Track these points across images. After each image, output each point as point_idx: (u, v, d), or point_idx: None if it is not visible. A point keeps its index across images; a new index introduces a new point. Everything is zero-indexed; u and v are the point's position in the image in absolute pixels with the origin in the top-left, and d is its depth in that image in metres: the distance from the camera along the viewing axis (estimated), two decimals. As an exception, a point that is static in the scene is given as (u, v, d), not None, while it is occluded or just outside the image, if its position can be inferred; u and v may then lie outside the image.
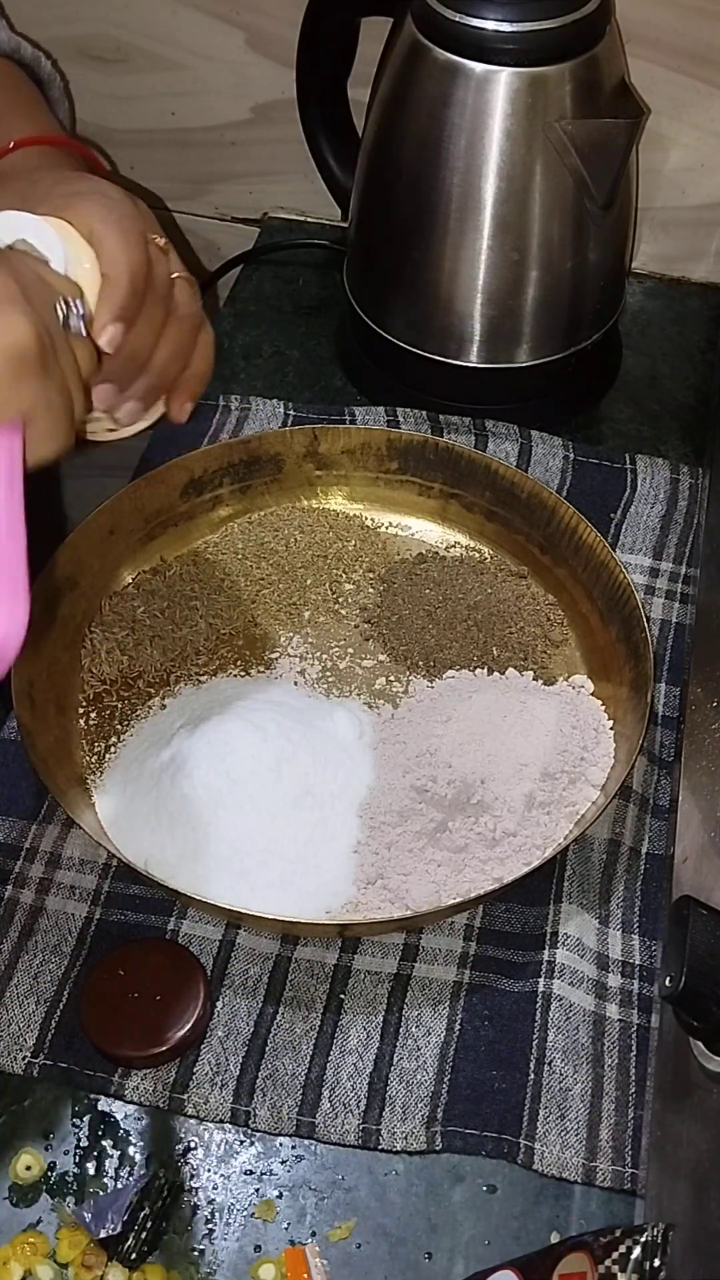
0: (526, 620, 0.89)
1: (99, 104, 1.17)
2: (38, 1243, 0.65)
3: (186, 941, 0.75)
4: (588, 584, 0.88)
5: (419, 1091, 0.70)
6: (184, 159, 1.19)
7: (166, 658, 0.86)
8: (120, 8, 1.10)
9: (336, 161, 1.06)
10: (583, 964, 0.74)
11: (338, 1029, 0.72)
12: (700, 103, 1.04)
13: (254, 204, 1.21)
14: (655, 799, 0.82)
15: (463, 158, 0.90)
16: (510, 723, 0.80)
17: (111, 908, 0.76)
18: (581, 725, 0.81)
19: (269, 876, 0.75)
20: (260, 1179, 0.68)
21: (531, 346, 0.98)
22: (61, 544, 0.86)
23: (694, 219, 1.11)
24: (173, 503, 0.92)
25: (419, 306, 0.98)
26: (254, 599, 0.90)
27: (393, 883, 0.75)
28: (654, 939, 0.76)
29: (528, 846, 0.76)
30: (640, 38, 1.00)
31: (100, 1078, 0.70)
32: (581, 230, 0.94)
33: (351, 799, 0.78)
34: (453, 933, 0.76)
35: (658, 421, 1.04)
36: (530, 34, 0.86)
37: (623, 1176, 0.67)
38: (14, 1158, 0.68)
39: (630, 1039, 0.72)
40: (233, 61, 1.11)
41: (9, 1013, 0.72)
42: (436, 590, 0.90)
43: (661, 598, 0.92)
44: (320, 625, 0.89)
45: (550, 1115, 0.69)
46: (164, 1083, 0.70)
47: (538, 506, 0.90)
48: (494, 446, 0.98)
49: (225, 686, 0.85)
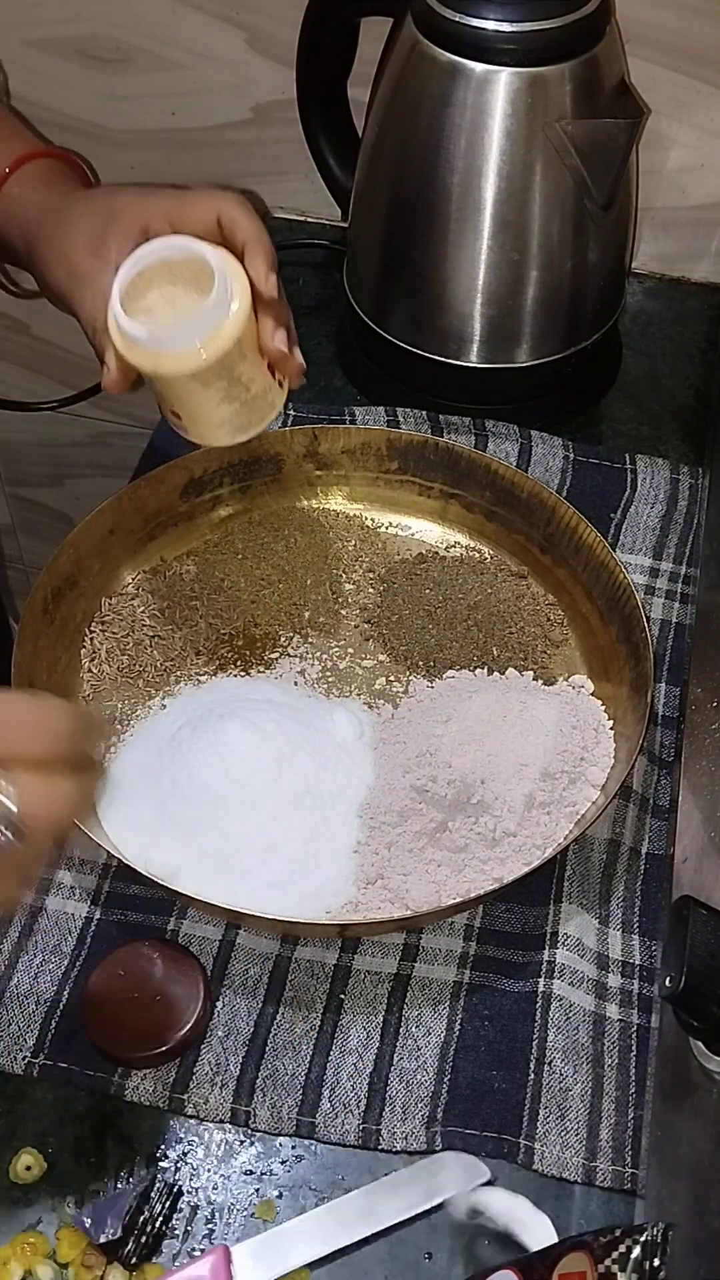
0: (526, 620, 0.89)
1: (99, 104, 1.17)
2: (38, 1243, 0.65)
3: (186, 941, 0.75)
4: (588, 584, 0.88)
5: (419, 1091, 0.70)
6: (184, 159, 1.19)
7: (166, 658, 0.86)
8: (120, 8, 1.10)
9: (336, 161, 1.06)
10: (583, 964, 0.74)
11: (338, 1029, 0.72)
12: (700, 103, 1.04)
13: (254, 204, 1.21)
14: (655, 799, 0.82)
15: (463, 158, 0.90)
16: (510, 723, 0.80)
17: (111, 908, 0.76)
18: (581, 725, 0.81)
19: (269, 876, 0.75)
20: (260, 1179, 0.68)
21: (531, 346, 0.98)
22: (62, 544, 0.86)
23: (694, 219, 1.11)
24: (173, 503, 0.92)
25: (419, 306, 0.98)
26: (254, 599, 0.90)
27: (393, 883, 0.75)
28: (654, 939, 0.76)
29: (528, 846, 0.76)
30: (640, 38, 1.00)
31: (100, 1078, 0.70)
32: (581, 230, 0.94)
33: (351, 799, 0.78)
34: (453, 933, 0.76)
35: (658, 421, 1.04)
36: (530, 34, 0.86)
37: (623, 1176, 0.67)
38: (14, 1158, 0.68)
39: (630, 1039, 0.72)
40: (233, 61, 1.11)
41: (9, 1013, 0.72)
42: (436, 590, 0.90)
43: (661, 598, 0.92)
44: (320, 625, 0.89)
45: (550, 1115, 0.69)
46: (164, 1083, 0.70)
47: (538, 506, 0.90)
48: (494, 446, 0.98)
49: (225, 686, 0.85)
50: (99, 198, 0.80)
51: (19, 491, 1.58)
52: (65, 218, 0.79)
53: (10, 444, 1.50)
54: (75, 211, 0.79)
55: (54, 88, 1.17)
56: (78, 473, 1.52)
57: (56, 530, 1.54)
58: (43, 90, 1.18)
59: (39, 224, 0.81)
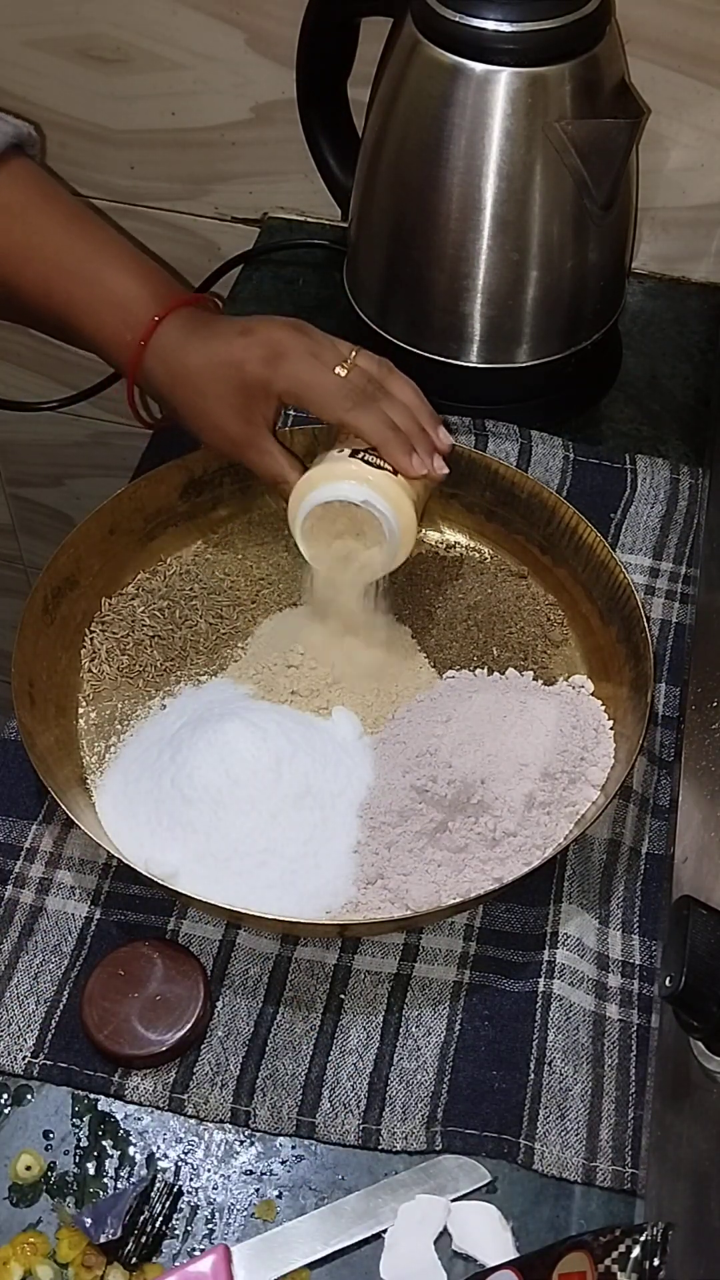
0: (526, 620, 0.89)
1: (99, 104, 1.17)
2: (38, 1243, 0.65)
3: (186, 941, 0.75)
4: (588, 584, 0.88)
5: (419, 1091, 0.70)
6: (184, 159, 1.20)
7: (166, 658, 0.86)
8: (120, 8, 1.10)
9: (336, 161, 1.07)
10: (583, 964, 0.74)
11: (338, 1029, 0.72)
12: (700, 103, 1.04)
13: (254, 204, 1.21)
14: (655, 799, 0.82)
15: (463, 158, 0.90)
16: (510, 723, 0.80)
17: (111, 908, 0.76)
18: (581, 725, 0.81)
19: (269, 876, 0.75)
20: (260, 1179, 0.68)
21: (531, 346, 0.98)
22: (62, 544, 0.86)
23: (694, 219, 1.11)
24: (173, 503, 0.92)
25: (419, 306, 0.98)
26: (254, 599, 0.90)
27: (393, 883, 0.75)
28: (654, 939, 0.76)
29: (528, 846, 0.76)
30: (640, 38, 1.00)
31: (100, 1078, 0.70)
32: (581, 230, 0.94)
33: (351, 799, 0.78)
34: (453, 933, 0.76)
35: (658, 421, 1.04)
36: (530, 34, 0.86)
37: (623, 1176, 0.67)
38: (14, 1158, 0.68)
39: (630, 1039, 0.72)
40: (233, 61, 1.11)
41: (9, 1013, 0.72)
42: (436, 590, 0.90)
43: (661, 598, 0.92)
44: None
45: (550, 1115, 0.69)
46: (164, 1083, 0.70)
47: (538, 506, 0.90)
48: (494, 446, 0.98)
49: (225, 686, 0.85)
50: (221, 369, 0.82)
51: (19, 491, 1.58)
52: (197, 390, 0.83)
53: (10, 444, 1.50)
54: (203, 380, 0.83)
55: (54, 88, 1.17)
56: (78, 473, 1.52)
57: (56, 530, 1.54)
58: (43, 90, 1.18)
59: (171, 389, 0.84)
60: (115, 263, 0.86)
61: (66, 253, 0.86)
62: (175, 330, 0.84)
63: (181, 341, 0.83)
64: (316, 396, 0.81)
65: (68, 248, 0.86)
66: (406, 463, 0.80)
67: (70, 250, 0.86)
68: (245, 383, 0.81)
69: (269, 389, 0.81)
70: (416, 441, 0.81)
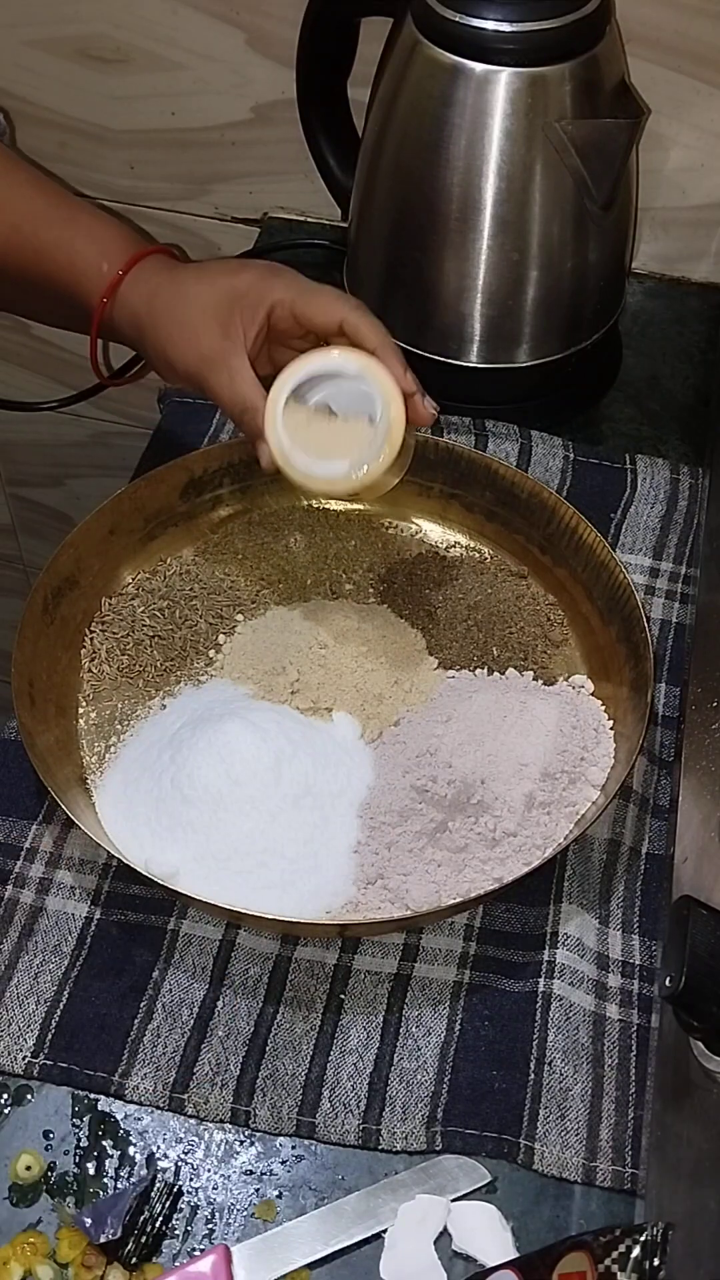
0: (526, 620, 0.89)
1: (99, 104, 1.17)
2: (38, 1243, 0.65)
3: (186, 941, 0.75)
4: (588, 584, 0.88)
5: (419, 1091, 0.70)
6: (184, 159, 1.20)
7: (166, 658, 0.86)
8: (120, 8, 1.11)
9: (336, 161, 1.07)
10: (583, 964, 0.74)
11: (338, 1029, 0.72)
12: (700, 103, 1.04)
13: (254, 204, 1.21)
14: (655, 799, 0.82)
15: (463, 158, 0.90)
16: (510, 723, 0.80)
17: (111, 908, 0.76)
18: (581, 725, 0.81)
19: (269, 876, 0.75)
20: (260, 1179, 0.68)
21: (531, 346, 0.98)
22: (62, 544, 0.86)
23: (694, 219, 1.11)
24: (173, 503, 0.92)
25: (419, 306, 0.98)
26: (254, 599, 0.90)
27: (393, 883, 0.75)
28: (654, 939, 0.76)
29: (528, 846, 0.76)
30: (640, 38, 1.00)
31: (100, 1077, 0.70)
32: (581, 230, 0.94)
33: (351, 799, 0.78)
34: (453, 933, 0.76)
35: (658, 421, 1.04)
36: (530, 34, 0.86)
37: (623, 1176, 0.67)
38: (14, 1158, 0.68)
39: (630, 1039, 0.72)
40: (233, 61, 1.11)
41: (9, 1013, 0.72)
42: (436, 590, 0.90)
43: (661, 598, 0.92)
44: (320, 625, 0.89)
45: (550, 1115, 0.69)
46: (164, 1083, 0.70)
47: (538, 506, 0.90)
48: (494, 446, 0.98)
49: (225, 686, 0.85)
50: (216, 276, 0.82)
51: (19, 491, 1.58)
52: (181, 300, 0.81)
53: (10, 444, 1.50)
54: (191, 291, 0.81)
55: (54, 88, 1.17)
56: (78, 473, 1.52)
57: (56, 530, 1.54)
58: (43, 90, 1.18)
59: (150, 308, 0.82)
60: (89, 211, 0.87)
61: (40, 202, 0.86)
62: (159, 265, 0.84)
63: (168, 272, 0.83)
64: (317, 299, 0.79)
65: (40, 198, 0.87)
66: (400, 371, 0.78)
67: (43, 200, 0.87)
68: (236, 291, 0.80)
69: (263, 296, 0.79)
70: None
